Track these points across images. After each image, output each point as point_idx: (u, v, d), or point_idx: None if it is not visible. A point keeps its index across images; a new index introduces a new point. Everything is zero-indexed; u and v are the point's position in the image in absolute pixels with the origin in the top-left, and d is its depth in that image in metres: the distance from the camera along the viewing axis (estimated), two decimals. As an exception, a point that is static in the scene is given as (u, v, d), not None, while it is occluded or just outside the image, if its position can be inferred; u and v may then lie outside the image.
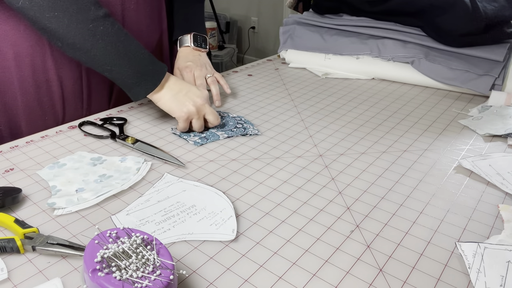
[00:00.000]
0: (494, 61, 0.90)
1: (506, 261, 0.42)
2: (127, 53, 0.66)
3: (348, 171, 0.61)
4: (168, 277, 0.35)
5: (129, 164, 0.60)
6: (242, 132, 0.71)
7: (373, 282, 0.41)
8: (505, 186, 0.57)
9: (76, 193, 0.53)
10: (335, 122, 0.77)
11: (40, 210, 0.51)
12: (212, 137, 0.70)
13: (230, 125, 0.73)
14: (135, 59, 0.67)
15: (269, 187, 0.57)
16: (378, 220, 0.50)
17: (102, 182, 0.56)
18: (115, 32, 0.65)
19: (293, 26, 1.14)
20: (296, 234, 0.48)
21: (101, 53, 0.64)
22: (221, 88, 0.86)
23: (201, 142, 0.68)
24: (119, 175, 0.58)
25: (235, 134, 0.71)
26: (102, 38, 0.63)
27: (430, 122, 0.78)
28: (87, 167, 0.60)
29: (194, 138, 0.69)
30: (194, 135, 0.70)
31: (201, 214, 0.50)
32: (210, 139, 0.69)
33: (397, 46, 0.98)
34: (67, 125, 0.73)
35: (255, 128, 0.73)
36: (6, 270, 0.42)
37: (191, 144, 0.68)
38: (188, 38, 0.88)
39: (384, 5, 1.03)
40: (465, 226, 0.50)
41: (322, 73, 1.03)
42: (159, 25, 0.89)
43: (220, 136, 0.70)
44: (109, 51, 0.64)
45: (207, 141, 0.69)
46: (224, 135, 0.71)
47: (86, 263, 0.35)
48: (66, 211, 0.50)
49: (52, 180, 0.56)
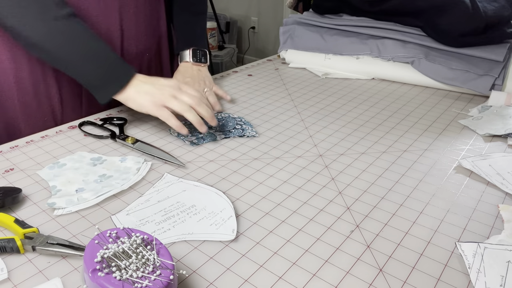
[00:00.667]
0: (494, 61, 0.90)
1: (506, 261, 0.42)
2: (93, 54, 0.64)
3: (348, 171, 0.61)
4: (168, 277, 0.35)
5: (129, 164, 0.60)
6: (240, 133, 0.71)
7: (373, 282, 0.41)
8: (505, 186, 0.57)
9: (76, 193, 0.53)
10: (335, 122, 0.77)
11: (40, 210, 0.51)
12: (209, 137, 0.70)
13: (229, 126, 0.73)
14: (101, 60, 0.65)
15: (269, 187, 0.57)
16: (378, 220, 0.50)
17: (102, 182, 0.56)
18: (79, 32, 0.63)
19: (293, 26, 1.14)
20: (296, 234, 0.48)
21: (64, 54, 0.63)
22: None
23: (198, 143, 0.68)
24: (119, 175, 0.58)
25: (232, 135, 0.71)
26: (65, 38, 0.62)
27: (430, 122, 0.78)
28: (87, 167, 0.60)
29: (191, 138, 0.69)
30: (191, 135, 0.70)
31: (201, 214, 0.50)
32: (207, 140, 0.69)
33: (397, 46, 0.98)
34: (67, 125, 0.73)
35: (253, 130, 0.73)
36: (6, 270, 0.42)
37: (188, 144, 0.68)
38: (187, 54, 0.88)
39: (384, 5, 1.03)
40: (465, 226, 0.50)
41: (322, 73, 1.03)
42: (158, 30, 0.88)
43: (218, 137, 0.70)
44: (72, 51, 0.63)
45: (204, 141, 0.69)
46: (221, 135, 0.70)
47: (86, 263, 0.35)
48: (66, 211, 0.50)
49: (52, 180, 0.56)
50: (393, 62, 0.99)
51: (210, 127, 0.72)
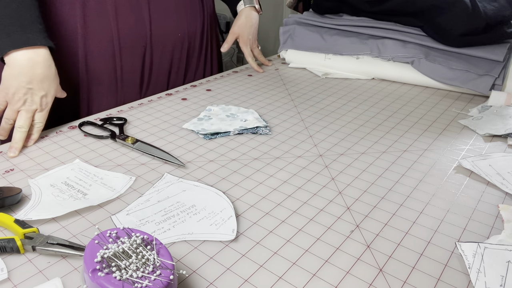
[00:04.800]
0: (494, 61, 0.90)
1: (506, 261, 0.42)
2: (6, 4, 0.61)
3: (348, 171, 0.61)
4: (168, 277, 0.35)
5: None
6: (254, 130, 0.72)
7: (373, 282, 0.41)
8: (505, 186, 0.57)
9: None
10: (335, 122, 0.77)
11: (40, 210, 0.51)
12: (224, 133, 0.71)
13: (250, 130, 0.73)
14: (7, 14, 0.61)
15: (269, 187, 0.57)
16: (378, 220, 0.50)
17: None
18: None
19: (293, 26, 1.14)
20: (296, 234, 0.48)
21: None
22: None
23: (211, 137, 0.70)
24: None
25: (246, 131, 0.72)
26: None
27: (430, 122, 0.78)
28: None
29: (206, 131, 0.71)
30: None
31: (201, 214, 0.50)
32: (221, 134, 0.71)
33: (397, 46, 0.98)
34: (67, 125, 0.73)
35: (267, 128, 0.73)
36: (6, 270, 0.42)
37: (201, 137, 0.70)
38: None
39: (384, 5, 1.03)
40: (465, 226, 0.50)
41: (322, 73, 1.03)
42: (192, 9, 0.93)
43: (231, 132, 0.71)
44: None
45: (218, 136, 0.70)
46: (235, 131, 0.71)
47: (86, 263, 0.35)
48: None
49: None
50: (393, 62, 0.99)
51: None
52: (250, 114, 0.77)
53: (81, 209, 0.51)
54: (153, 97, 0.87)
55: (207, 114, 0.77)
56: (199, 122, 0.74)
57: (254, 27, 1.04)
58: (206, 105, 0.83)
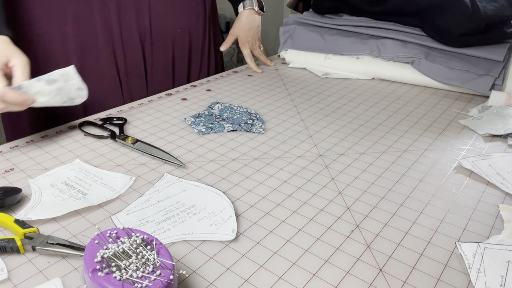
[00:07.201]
0: (494, 61, 0.90)
1: (506, 261, 0.42)
2: None
3: (348, 171, 0.61)
4: (168, 277, 0.35)
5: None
6: (249, 128, 0.72)
7: (373, 282, 0.41)
8: (505, 186, 0.57)
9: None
10: (335, 122, 0.77)
11: (40, 210, 0.51)
12: (217, 128, 0.72)
13: (242, 120, 0.75)
14: None
15: (269, 187, 0.57)
16: (378, 220, 0.50)
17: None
18: None
19: (293, 26, 1.14)
20: (296, 234, 0.48)
21: None
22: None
23: (206, 132, 0.71)
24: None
25: (240, 128, 0.72)
26: None
27: (430, 122, 0.78)
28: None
29: (201, 127, 0.72)
30: (202, 125, 0.73)
31: (201, 214, 0.50)
32: (215, 130, 0.71)
33: (397, 46, 0.98)
34: (67, 125, 0.73)
35: (262, 127, 0.73)
36: (6, 270, 0.42)
37: (196, 132, 0.70)
38: (251, 2, 1.02)
39: (384, 5, 1.03)
40: (465, 226, 0.50)
41: (322, 73, 1.03)
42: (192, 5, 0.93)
43: (225, 129, 0.72)
44: None
45: (212, 131, 0.71)
46: (229, 127, 0.72)
47: (86, 263, 0.35)
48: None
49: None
50: (393, 62, 0.99)
51: (223, 119, 0.75)
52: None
53: (81, 209, 0.51)
54: (153, 97, 0.87)
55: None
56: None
57: (253, 29, 1.04)
58: (206, 105, 0.83)
